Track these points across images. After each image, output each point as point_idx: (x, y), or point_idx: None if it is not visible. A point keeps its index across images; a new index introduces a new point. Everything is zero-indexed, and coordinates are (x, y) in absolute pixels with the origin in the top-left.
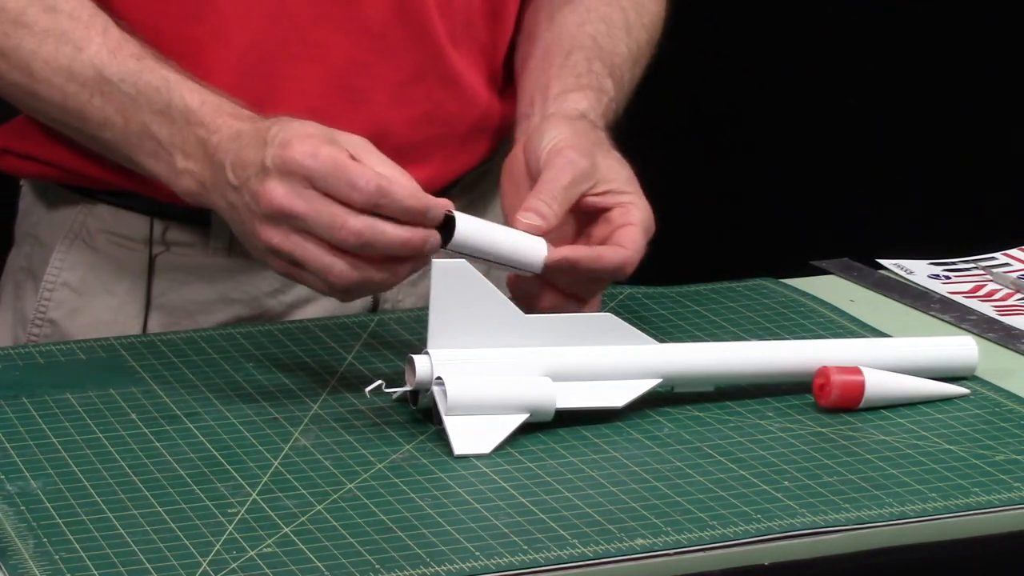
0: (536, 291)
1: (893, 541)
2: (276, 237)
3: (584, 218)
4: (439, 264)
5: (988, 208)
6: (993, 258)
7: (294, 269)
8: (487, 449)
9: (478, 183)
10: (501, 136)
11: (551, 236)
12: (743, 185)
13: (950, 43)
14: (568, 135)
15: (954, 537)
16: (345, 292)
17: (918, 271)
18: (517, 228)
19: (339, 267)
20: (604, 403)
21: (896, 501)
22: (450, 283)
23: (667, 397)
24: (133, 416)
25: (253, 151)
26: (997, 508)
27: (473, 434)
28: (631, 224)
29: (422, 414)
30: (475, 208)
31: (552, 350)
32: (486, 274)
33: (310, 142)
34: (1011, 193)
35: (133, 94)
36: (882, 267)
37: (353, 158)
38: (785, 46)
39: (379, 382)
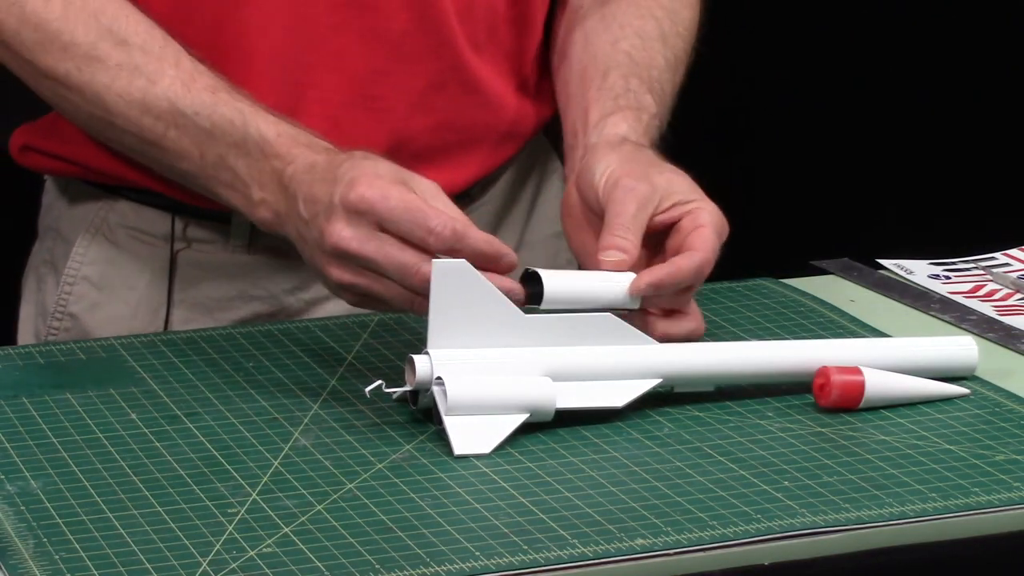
0: (633, 321)
1: (893, 541)
2: (346, 275)
3: (656, 238)
4: (439, 264)
5: (988, 208)
6: (993, 258)
7: (367, 301)
8: (487, 449)
9: (500, 183)
10: (526, 139)
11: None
12: (743, 185)
13: (950, 44)
14: (617, 163)
15: (954, 537)
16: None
17: (918, 271)
18: (603, 269)
19: (419, 300)
20: (604, 403)
21: (896, 501)
22: (450, 283)
23: (667, 397)
24: (133, 416)
25: (323, 187)
26: (997, 508)
27: (473, 434)
28: (701, 226)
29: (422, 414)
30: (497, 209)
31: (552, 350)
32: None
33: (379, 183)
34: (1011, 193)
35: (208, 127)
36: (882, 267)
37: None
38: (785, 47)
39: (379, 382)
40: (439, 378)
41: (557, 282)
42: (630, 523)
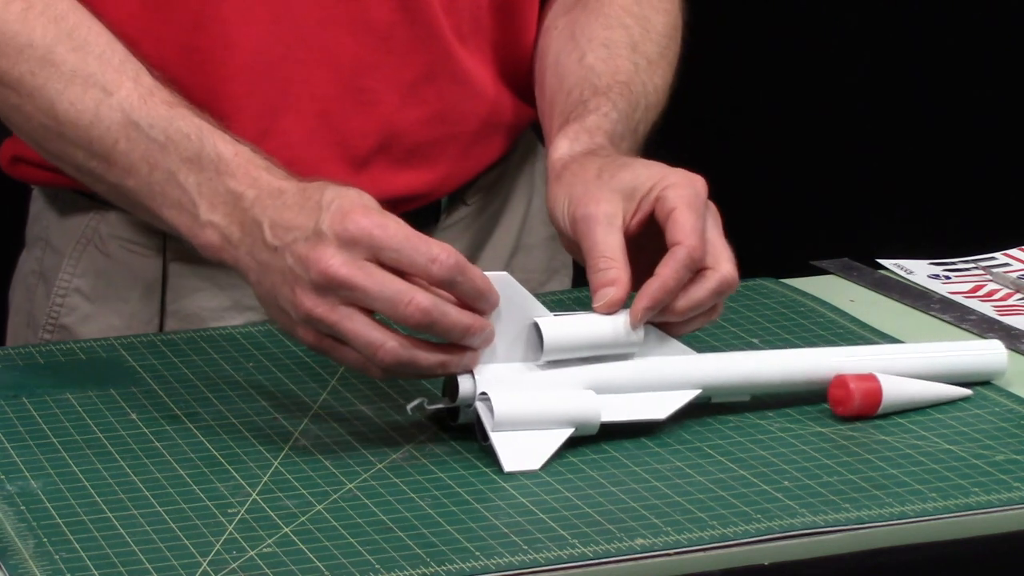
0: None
1: (893, 541)
2: (320, 307)
3: (644, 237)
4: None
5: (988, 208)
6: (993, 258)
7: (327, 342)
8: (536, 465)
9: (494, 186)
10: (515, 134)
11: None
12: (743, 185)
13: (950, 43)
14: (566, 196)
15: (954, 537)
16: (387, 371)
17: (918, 271)
18: (600, 313)
19: (390, 344)
20: (647, 416)
21: (896, 501)
22: None
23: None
24: (133, 416)
25: (301, 214)
26: (997, 508)
27: (521, 450)
28: (671, 211)
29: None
30: (487, 216)
31: (593, 363)
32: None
33: (374, 214)
34: (1011, 193)
35: (162, 140)
36: (882, 267)
37: None
38: (785, 46)
39: (420, 399)
40: (483, 393)
41: (558, 331)
42: (630, 523)
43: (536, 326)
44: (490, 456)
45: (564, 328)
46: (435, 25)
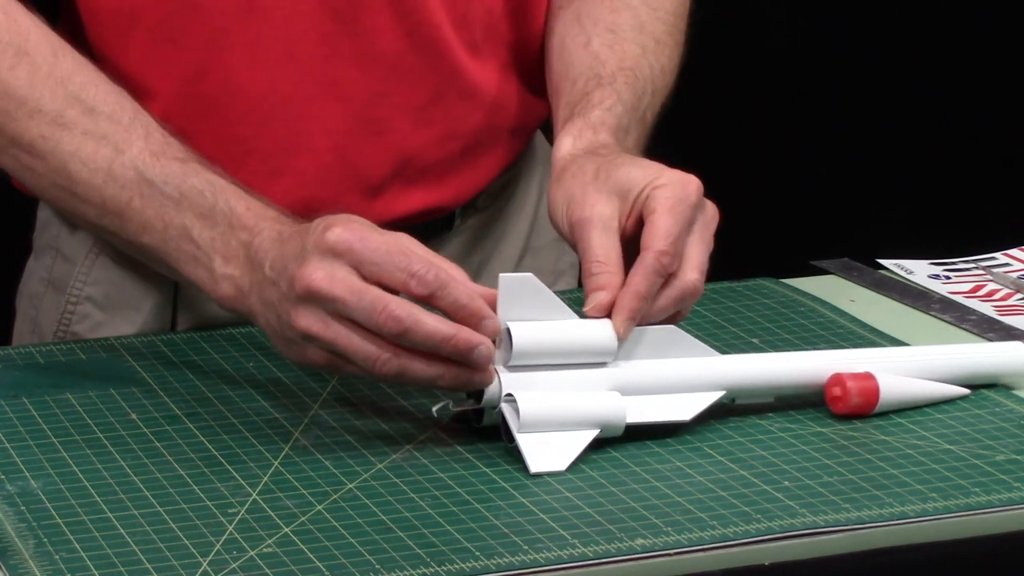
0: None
1: (893, 541)
2: (315, 325)
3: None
4: (506, 277)
5: (988, 208)
6: (993, 258)
7: (335, 359)
8: (562, 466)
9: (503, 190)
10: (525, 137)
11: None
12: (743, 185)
13: (949, 44)
14: (564, 198)
15: (954, 537)
16: (394, 379)
17: (918, 271)
18: (591, 317)
19: (385, 356)
20: (672, 417)
21: (896, 501)
22: (517, 297)
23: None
24: (133, 416)
25: (294, 243)
26: (997, 508)
27: (547, 451)
28: (651, 214)
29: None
30: (497, 220)
31: (617, 364)
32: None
33: (354, 227)
34: (1011, 193)
35: (176, 197)
36: (882, 267)
37: None
38: (785, 46)
39: (446, 401)
40: (509, 395)
41: (529, 336)
42: (630, 523)
43: (508, 330)
44: (516, 457)
45: (535, 334)
46: (443, 44)
